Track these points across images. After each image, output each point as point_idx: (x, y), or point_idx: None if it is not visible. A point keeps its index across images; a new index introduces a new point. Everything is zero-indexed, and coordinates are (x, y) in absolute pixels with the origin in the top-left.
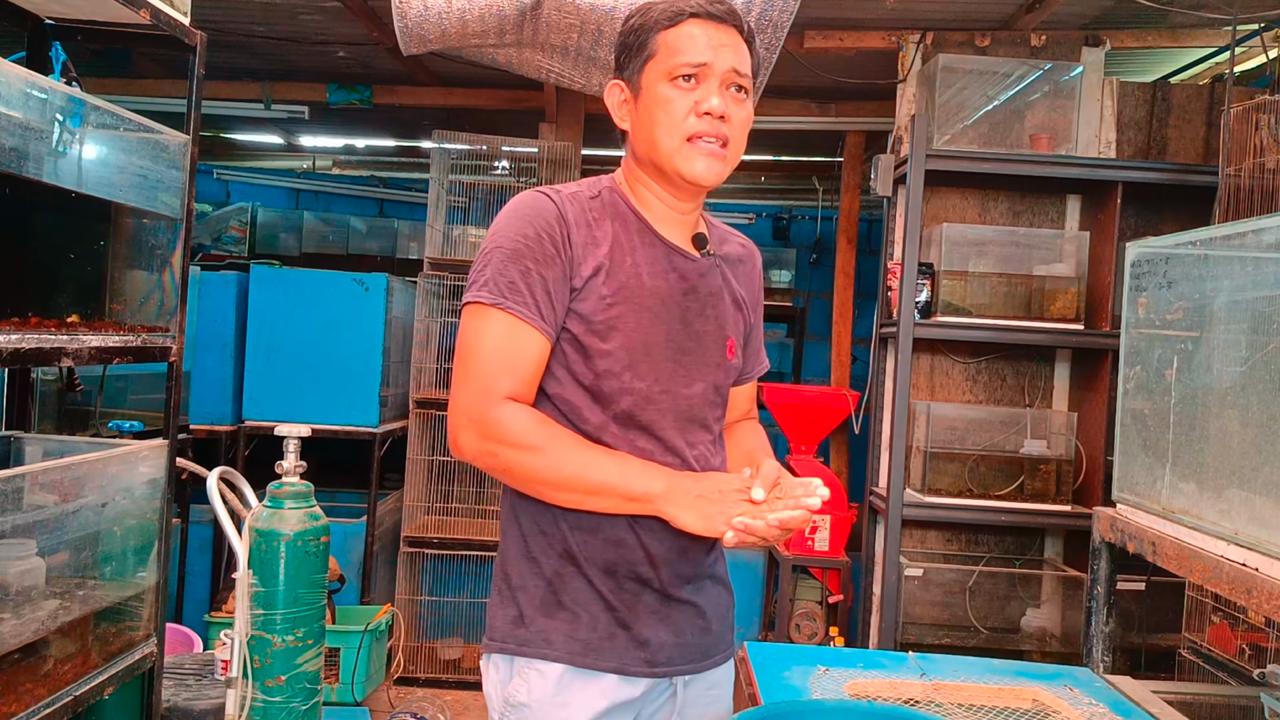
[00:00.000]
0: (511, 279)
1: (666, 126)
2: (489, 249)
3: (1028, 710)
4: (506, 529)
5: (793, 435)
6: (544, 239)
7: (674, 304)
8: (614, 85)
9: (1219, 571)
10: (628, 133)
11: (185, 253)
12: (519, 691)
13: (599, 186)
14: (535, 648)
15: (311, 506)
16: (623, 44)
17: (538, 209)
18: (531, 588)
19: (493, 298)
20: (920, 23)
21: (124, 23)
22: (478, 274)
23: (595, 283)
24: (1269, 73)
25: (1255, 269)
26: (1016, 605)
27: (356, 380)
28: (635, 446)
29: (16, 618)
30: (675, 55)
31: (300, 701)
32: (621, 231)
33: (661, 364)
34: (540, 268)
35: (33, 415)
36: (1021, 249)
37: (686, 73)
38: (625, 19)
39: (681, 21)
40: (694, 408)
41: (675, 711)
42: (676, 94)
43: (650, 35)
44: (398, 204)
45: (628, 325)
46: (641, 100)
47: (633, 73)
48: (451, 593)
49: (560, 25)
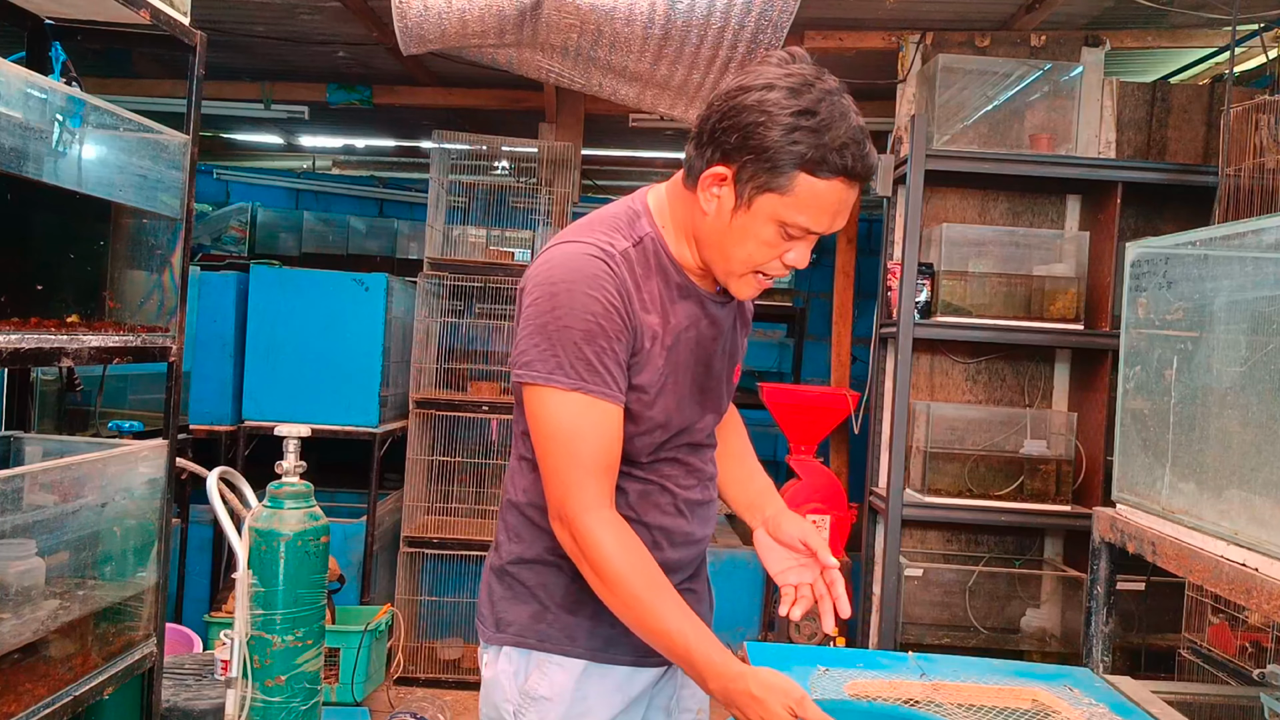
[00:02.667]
0: (588, 360)
1: (745, 257)
2: (554, 325)
3: (1028, 710)
4: (520, 532)
5: (792, 435)
6: (612, 313)
7: (703, 351)
8: (718, 172)
9: (1219, 572)
10: (694, 198)
11: (185, 253)
12: (540, 685)
13: (638, 231)
14: (557, 643)
15: (311, 506)
16: (746, 127)
17: (598, 281)
18: (552, 585)
19: (572, 382)
20: (920, 23)
21: (124, 23)
22: (546, 351)
23: (650, 353)
24: (1269, 73)
25: (1255, 269)
26: (1016, 605)
27: (356, 380)
28: (660, 474)
29: (16, 618)
30: (805, 212)
31: (300, 701)
32: (663, 287)
33: (688, 410)
34: (612, 343)
35: (32, 415)
36: (1021, 249)
37: (802, 232)
38: (743, 88)
39: (832, 176)
40: (705, 434)
41: (675, 691)
42: (778, 241)
43: (789, 166)
44: (398, 204)
45: (668, 389)
46: (739, 216)
47: (747, 180)
48: (451, 593)
49: (560, 25)
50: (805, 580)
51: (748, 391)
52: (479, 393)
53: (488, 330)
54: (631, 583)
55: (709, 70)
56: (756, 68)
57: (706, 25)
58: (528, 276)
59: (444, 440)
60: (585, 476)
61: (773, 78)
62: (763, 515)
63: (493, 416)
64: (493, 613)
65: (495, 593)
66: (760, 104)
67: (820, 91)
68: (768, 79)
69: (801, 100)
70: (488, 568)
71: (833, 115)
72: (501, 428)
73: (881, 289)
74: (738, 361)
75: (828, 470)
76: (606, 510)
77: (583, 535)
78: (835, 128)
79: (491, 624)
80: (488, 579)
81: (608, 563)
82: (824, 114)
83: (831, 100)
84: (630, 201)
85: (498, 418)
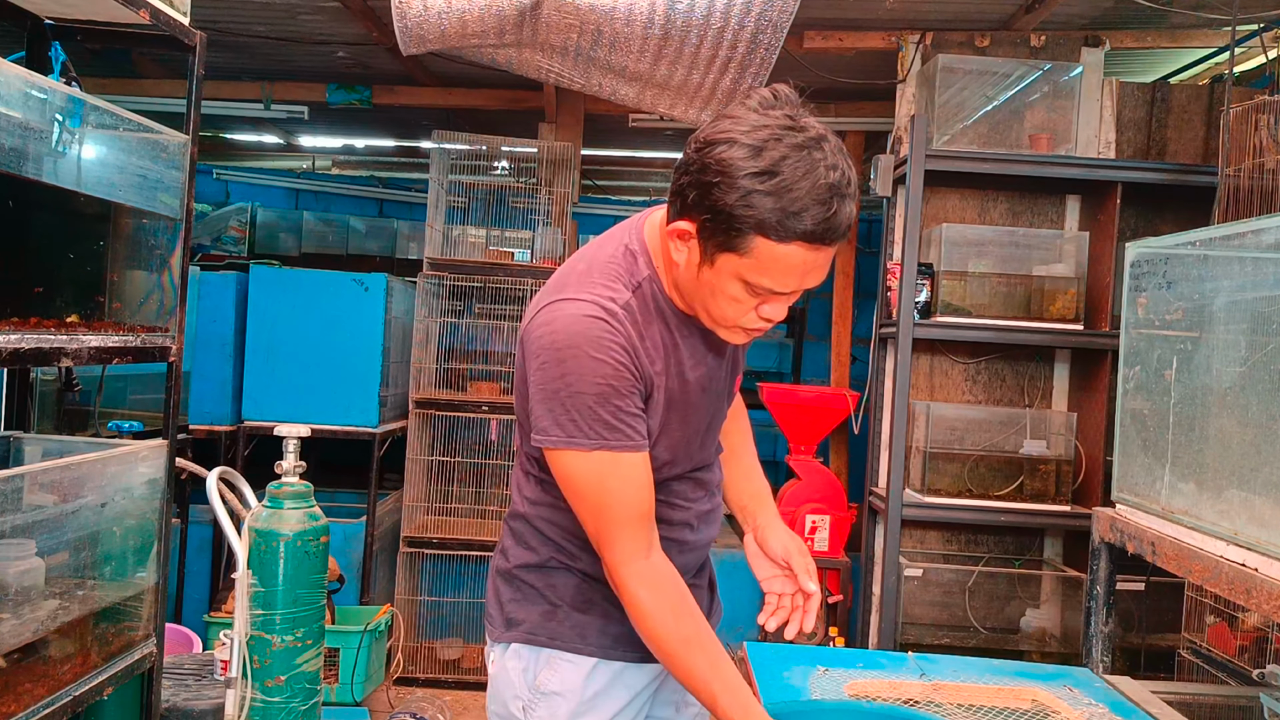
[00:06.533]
0: (605, 421)
1: (719, 313)
2: (565, 392)
3: (1027, 710)
4: (528, 540)
5: (792, 435)
6: (622, 371)
7: (707, 381)
8: (681, 227)
9: (1218, 572)
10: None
11: (185, 253)
12: (550, 681)
13: (636, 276)
14: (568, 641)
15: (311, 506)
16: (705, 186)
17: (602, 343)
18: (562, 586)
19: (593, 442)
20: (920, 23)
21: (124, 23)
22: (563, 417)
23: (655, 400)
24: (1269, 73)
25: (1255, 269)
26: (1016, 605)
27: (356, 380)
28: (671, 491)
29: (16, 618)
30: (766, 275)
31: (300, 702)
32: (664, 332)
33: (693, 441)
34: (625, 400)
35: (32, 415)
36: (1021, 249)
37: (768, 293)
38: (709, 141)
39: (790, 241)
40: (711, 451)
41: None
42: (746, 298)
43: (746, 229)
44: (397, 204)
45: (674, 427)
46: (705, 272)
47: (707, 238)
48: (451, 593)
49: (560, 25)
50: (788, 590)
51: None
52: (479, 393)
53: (487, 330)
54: (667, 640)
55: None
56: (732, 112)
57: (706, 25)
58: (531, 336)
59: (444, 440)
60: (619, 530)
61: (738, 133)
62: (754, 522)
63: (492, 416)
64: (502, 613)
65: (504, 594)
66: (719, 163)
67: (786, 148)
68: (732, 134)
69: (761, 160)
70: (494, 571)
71: (795, 175)
72: (501, 427)
73: (881, 289)
74: (739, 374)
75: (827, 470)
76: (642, 562)
77: (622, 589)
78: (795, 189)
79: (501, 623)
80: (495, 582)
81: (644, 620)
82: (785, 174)
83: (798, 157)
84: (626, 239)
85: (497, 418)
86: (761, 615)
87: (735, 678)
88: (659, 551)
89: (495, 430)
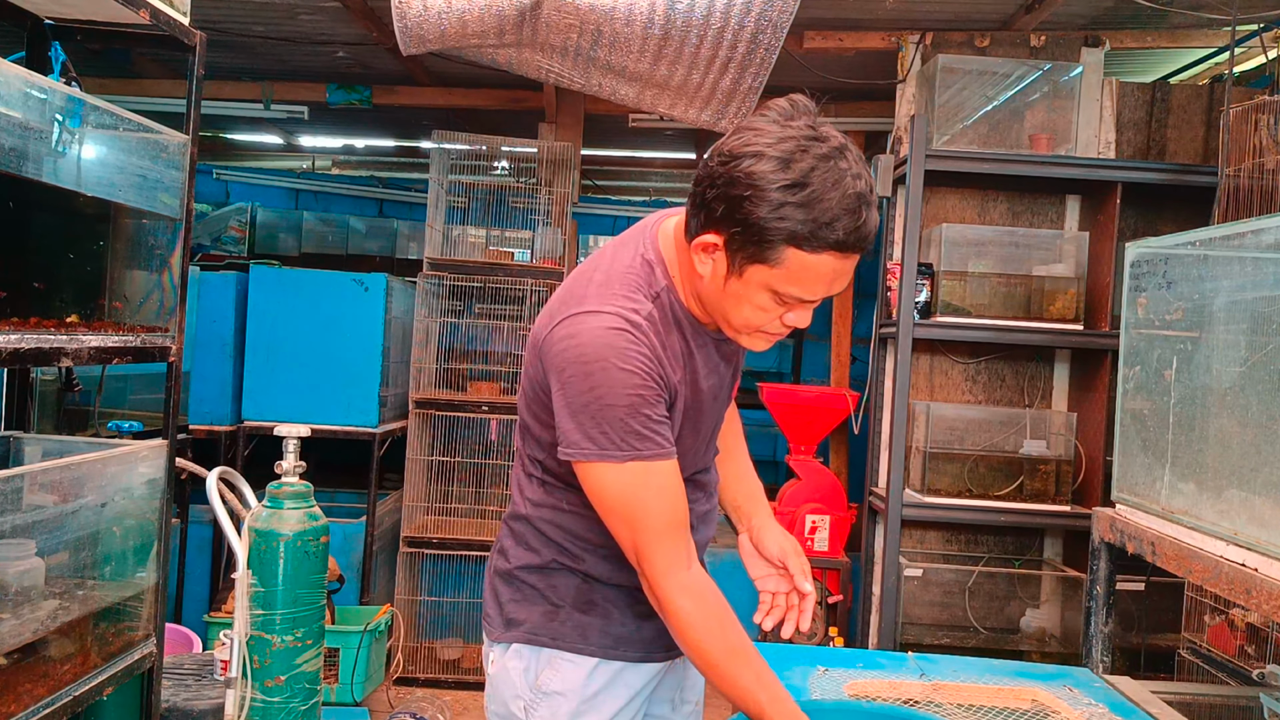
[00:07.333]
0: (636, 431)
1: (743, 321)
2: (595, 405)
3: (1027, 710)
4: (530, 541)
5: (792, 435)
6: (649, 380)
7: (718, 389)
8: (708, 240)
9: (1218, 572)
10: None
11: (185, 253)
12: (552, 680)
13: (655, 286)
14: (569, 641)
15: (311, 506)
16: (734, 200)
17: (628, 355)
18: (563, 587)
19: (626, 454)
20: (920, 23)
21: (124, 23)
22: (594, 430)
23: (677, 407)
24: (1268, 73)
25: (1254, 269)
26: (1016, 605)
27: (356, 380)
28: None
29: (16, 618)
30: (796, 284)
31: (299, 702)
32: (681, 341)
33: (699, 446)
34: (654, 408)
35: (32, 415)
36: (1021, 249)
37: (796, 301)
38: (734, 154)
39: (822, 251)
40: (712, 455)
41: (679, 682)
42: (773, 306)
43: (778, 241)
44: (397, 204)
45: (686, 435)
46: (732, 283)
47: (736, 250)
48: (451, 593)
49: (560, 25)
50: (782, 589)
51: (748, 392)
52: (478, 393)
53: (487, 330)
54: (711, 651)
55: (709, 70)
56: (753, 124)
57: (706, 25)
58: (553, 350)
59: (443, 440)
60: (657, 542)
61: (764, 145)
62: (749, 522)
63: (492, 416)
64: (501, 613)
65: (503, 595)
66: (749, 176)
67: (814, 159)
68: (758, 147)
69: (791, 172)
70: (493, 571)
71: (824, 185)
72: (501, 427)
73: (881, 289)
74: (738, 379)
75: (827, 470)
76: (683, 574)
77: (663, 602)
78: (826, 199)
79: (500, 623)
80: (493, 582)
81: (689, 631)
82: (815, 185)
83: (825, 168)
84: (641, 248)
85: (497, 418)
86: (757, 614)
87: (780, 688)
88: (697, 562)
89: (495, 430)
